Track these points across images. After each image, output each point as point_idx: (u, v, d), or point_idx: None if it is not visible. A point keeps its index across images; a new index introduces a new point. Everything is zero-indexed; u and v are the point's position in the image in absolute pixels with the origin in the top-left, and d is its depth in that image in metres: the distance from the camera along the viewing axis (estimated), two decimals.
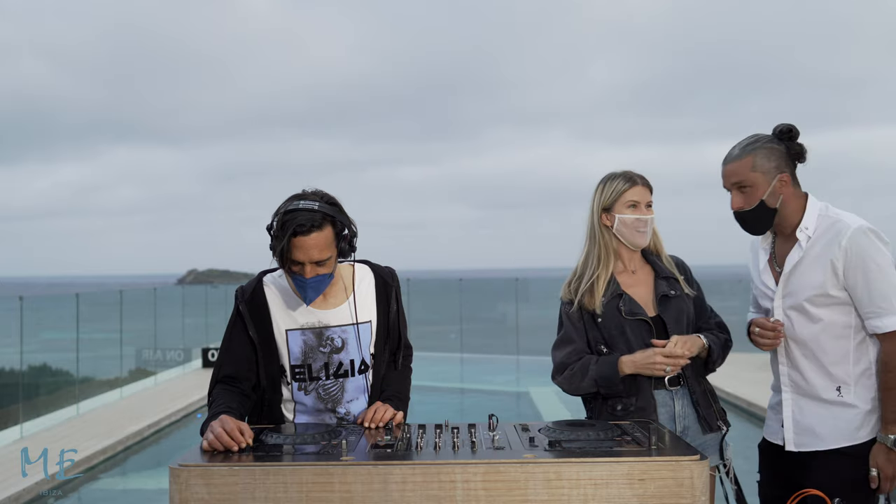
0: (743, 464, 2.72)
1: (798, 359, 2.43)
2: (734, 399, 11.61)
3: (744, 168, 2.40)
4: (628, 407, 2.56)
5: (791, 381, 2.45)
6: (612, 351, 2.61)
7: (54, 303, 16.47)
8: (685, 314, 2.67)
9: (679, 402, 2.60)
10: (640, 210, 2.66)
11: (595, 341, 2.64)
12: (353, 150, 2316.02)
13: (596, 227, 2.69)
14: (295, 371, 2.41)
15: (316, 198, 2.28)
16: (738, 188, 2.42)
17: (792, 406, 2.44)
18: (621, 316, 2.61)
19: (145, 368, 15.81)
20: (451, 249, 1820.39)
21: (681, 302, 2.67)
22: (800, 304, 2.39)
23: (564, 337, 2.68)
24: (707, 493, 1.83)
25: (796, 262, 2.41)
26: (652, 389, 2.57)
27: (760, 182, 2.39)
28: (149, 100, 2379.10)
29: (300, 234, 2.21)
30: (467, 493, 1.81)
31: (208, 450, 2.00)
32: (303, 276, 2.28)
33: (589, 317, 2.64)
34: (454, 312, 18.90)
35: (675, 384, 2.60)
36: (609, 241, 2.68)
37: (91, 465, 8.62)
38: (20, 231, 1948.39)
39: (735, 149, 2.45)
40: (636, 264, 2.72)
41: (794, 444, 2.43)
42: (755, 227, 2.48)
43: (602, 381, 2.57)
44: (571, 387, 2.65)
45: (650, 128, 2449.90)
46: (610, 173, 2.73)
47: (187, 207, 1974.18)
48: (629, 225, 2.65)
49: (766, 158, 2.39)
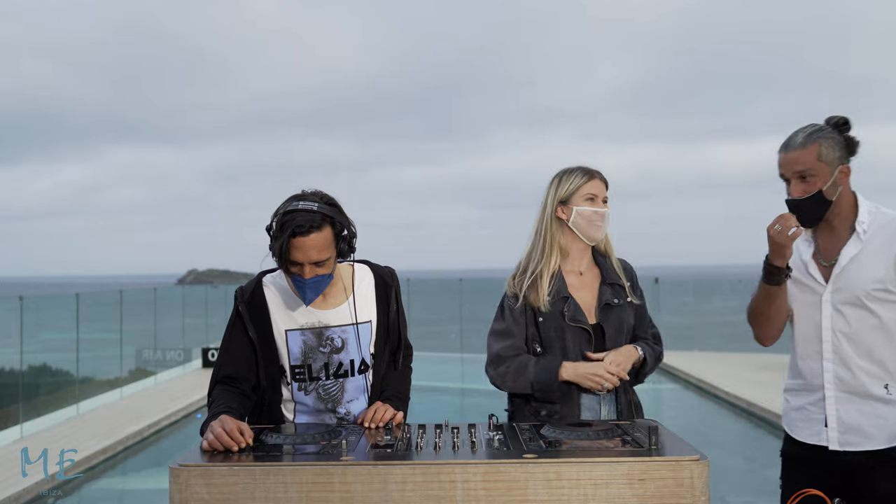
0: (742, 464, 2.72)
1: (849, 355, 2.34)
2: (734, 399, 11.61)
3: (809, 156, 2.30)
4: (552, 413, 2.55)
5: (836, 377, 2.36)
6: (545, 351, 2.59)
7: (54, 303, 16.48)
8: (625, 324, 2.65)
9: (605, 407, 2.60)
10: (598, 203, 2.64)
11: (531, 339, 2.62)
12: (357, 150, 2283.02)
13: (547, 220, 2.66)
14: (295, 371, 2.41)
15: (315, 198, 2.28)
16: (801, 177, 2.32)
17: (836, 404, 2.35)
18: (563, 320, 2.58)
19: (145, 368, 15.81)
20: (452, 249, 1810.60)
21: (622, 311, 2.65)
22: (856, 298, 2.31)
23: (503, 329, 2.65)
24: (707, 493, 1.83)
25: (853, 255, 2.33)
26: (580, 394, 2.56)
27: (824, 172, 2.30)
28: (153, 100, 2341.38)
29: (299, 235, 2.21)
30: (467, 493, 1.80)
31: (208, 450, 1.99)
32: (302, 277, 2.28)
33: (531, 314, 2.62)
34: (454, 312, 18.90)
35: None
36: (558, 236, 2.65)
37: (91, 465, 8.62)
38: (21, 231, 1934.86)
39: (798, 136, 2.34)
40: (585, 265, 2.69)
41: (838, 444, 2.34)
42: (808, 218, 2.36)
43: (539, 385, 2.55)
44: (504, 383, 2.63)
45: (653, 128, 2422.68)
46: (566, 168, 2.71)
47: (189, 207, 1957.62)
48: (586, 217, 2.62)
49: (831, 148, 2.31)
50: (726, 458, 8.69)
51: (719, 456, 8.30)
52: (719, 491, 7.33)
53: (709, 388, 12.85)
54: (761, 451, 9.17)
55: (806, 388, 2.44)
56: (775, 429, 9.99)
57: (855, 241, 2.34)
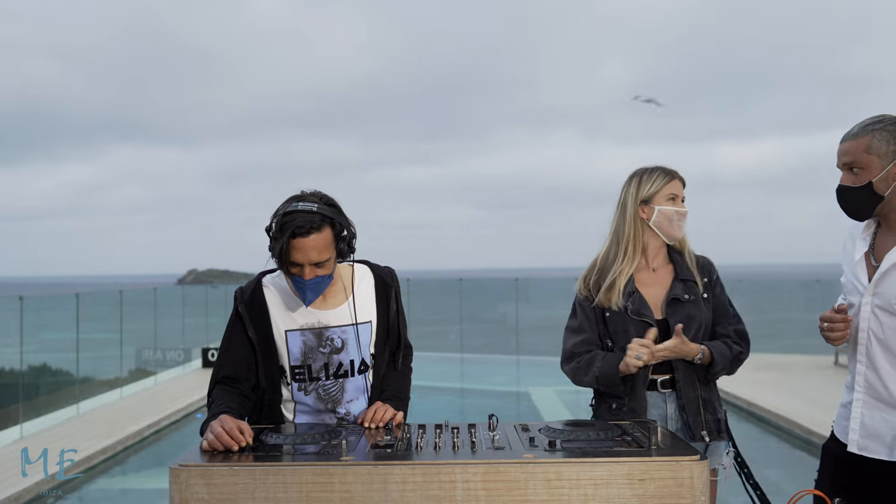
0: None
1: (879, 361, 2.26)
2: (734, 399, 11.61)
3: (858, 148, 2.24)
4: (621, 406, 2.58)
5: (867, 382, 2.31)
6: (615, 346, 2.62)
7: (54, 303, 16.48)
8: (696, 320, 2.62)
9: (672, 405, 2.60)
10: (678, 203, 2.66)
11: (602, 335, 2.66)
12: (359, 150, 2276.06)
13: (629, 219, 2.66)
14: (295, 371, 2.41)
15: (315, 199, 2.28)
16: (849, 168, 2.27)
17: (862, 408, 2.31)
18: (627, 315, 2.61)
19: (145, 368, 15.81)
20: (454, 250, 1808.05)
21: (693, 307, 2.63)
22: (890, 305, 2.23)
23: (576, 325, 2.69)
24: (707, 493, 1.83)
25: (895, 261, 2.24)
26: (644, 390, 2.58)
27: (874, 165, 2.23)
28: (157, 100, 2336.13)
29: (299, 236, 2.21)
30: (467, 493, 1.80)
31: (208, 450, 1.99)
32: (302, 278, 2.28)
33: (600, 311, 2.65)
34: (454, 312, 18.90)
35: (667, 387, 2.60)
36: (640, 236, 2.66)
37: (91, 465, 8.62)
38: (23, 231, 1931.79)
39: (855, 127, 2.28)
40: (659, 262, 2.70)
41: (857, 447, 2.31)
42: (855, 210, 2.30)
43: (603, 380, 2.58)
44: (576, 378, 2.67)
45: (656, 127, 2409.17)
46: (641, 168, 2.72)
47: (191, 207, 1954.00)
48: (669, 217, 2.64)
49: (886, 141, 2.22)
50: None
51: None
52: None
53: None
54: (761, 451, 9.17)
55: (850, 387, 2.39)
56: (775, 429, 10.00)
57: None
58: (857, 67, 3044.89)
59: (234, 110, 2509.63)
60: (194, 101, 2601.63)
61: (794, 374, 13.30)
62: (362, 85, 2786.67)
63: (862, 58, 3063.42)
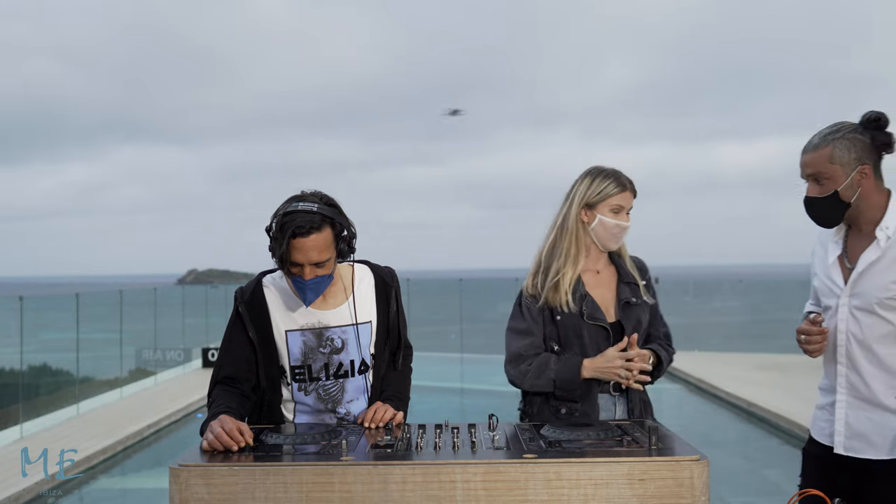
0: (743, 463, 2.73)
1: (860, 362, 2.29)
2: (734, 399, 11.61)
3: (821, 159, 2.27)
4: (573, 411, 2.56)
5: (849, 383, 2.33)
6: (563, 350, 2.60)
7: (54, 303, 16.48)
8: (642, 323, 2.66)
9: (619, 408, 2.61)
10: (622, 216, 2.62)
11: (549, 337, 2.62)
12: (361, 150, 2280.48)
13: (572, 219, 2.63)
14: (295, 372, 2.41)
15: (315, 199, 2.28)
16: (814, 179, 2.29)
17: (846, 409, 2.33)
18: (581, 318, 2.59)
19: (145, 368, 15.81)
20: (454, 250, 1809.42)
21: (640, 310, 2.66)
22: (870, 305, 2.26)
23: (523, 328, 2.64)
24: (707, 493, 1.83)
25: (872, 261, 2.27)
26: (597, 394, 2.58)
27: (838, 174, 2.25)
28: (159, 99, 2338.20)
29: (299, 236, 2.21)
30: (467, 493, 1.80)
31: (208, 450, 2.00)
32: (302, 278, 2.28)
33: (549, 313, 2.62)
34: (454, 312, 18.90)
35: (617, 390, 2.60)
36: (582, 237, 2.63)
37: (91, 465, 8.62)
38: (24, 231, 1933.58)
39: (815, 137, 2.30)
40: (601, 264, 2.70)
41: (843, 448, 2.33)
42: (823, 219, 2.34)
43: (561, 384, 2.56)
44: (525, 382, 2.62)
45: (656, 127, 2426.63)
46: (597, 168, 2.66)
47: (193, 207, 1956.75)
48: (608, 228, 2.61)
49: (847, 149, 2.25)
50: (726, 458, 8.68)
51: (719, 456, 8.29)
52: (719, 491, 7.33)
53: (709, 388, 12.85)
54: (761, 451, 9.18)
55: (828, 389, 2.42)
56: (775, 429, 10.00)
57: (874, 247, 2.28)
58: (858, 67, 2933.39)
59: (237, 110, 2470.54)
60: (197, 101, 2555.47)
61: (794, 374, 13.29)
62: (365, 85, 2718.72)
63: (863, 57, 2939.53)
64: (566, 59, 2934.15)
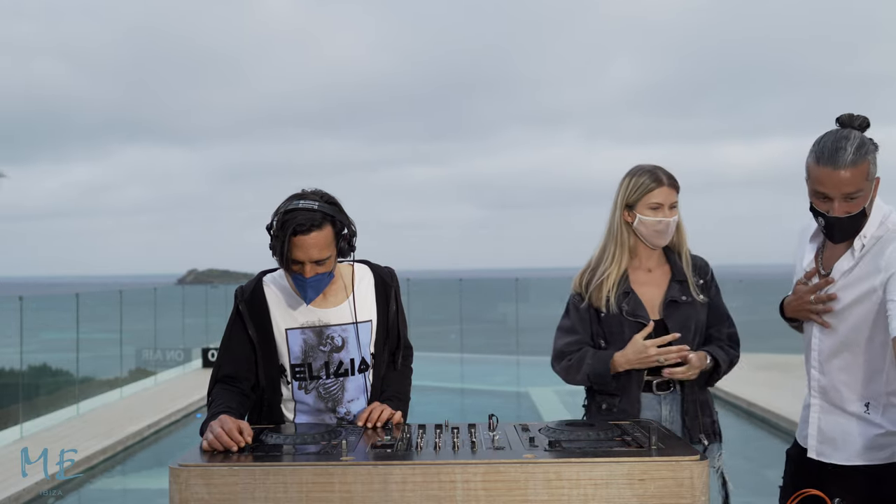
0: (743, 463, 2.73)
1: (832, 368, 2.29)
2: (734, 399, 11.60)
3: (861, 176, 2.10)
4: (612, 407, 2.57)
5: (821, 387, 2.33)
6: (609, 347, 2.61)
7: (54, 303, 16.48)
8: (693, 321, 2.63)
9: (667, 407, 2.59)
10: (663, 212, 2.60)
11: (596, 335, 2.66)
12: (363, 150, 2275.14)
13: (616, 221, 2.66)
14: (295, 370, 2.41)
15: (315, 197, 2.29)
16: (849, 198, 2.11)
17: (819, 413, 2.33)
18: (622, 315, 2.60)
19: (145, 368, 15.81)
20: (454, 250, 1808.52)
21: (690, 309, 2.63)
22: (840, 312, 2.24)
23: (568, 326, 2.68)
24: (707, 493, 1.83)
25: (845, 270, 2.23)
26: (640, 392, 2.57)
27: (868, 190, 2.13)
28: (164, 100, 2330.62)
29: (300, 234, 2.22)
30: (467, 493, 1.80)
31: (208, 450, 2.00)
32: (303, 276, 2.28)
33: (594, 311, 2.65)
34: (454, 312, 18.91)
35: (664, 389, 2.59)
36: (626, 238, 2.65)
37: (91, 465, 8.61)
38: (27, 231, 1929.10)
39: (846, 151, 2.09)
40: (654, 262, 2.69)
41: (815, 452, 2.34)
42: (844, 235, 2.20)
43: (594, 377, 2.58)
44: (568, 377, 2.67)
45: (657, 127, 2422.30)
46: (638, 167, 2.67)
47: (196, 207, 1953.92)
48: (649, 227, 2.61)
49: (874, 162, 2.13)
50: (726, 458, 8.65)
51: None
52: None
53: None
54: (761, 451, 9.17)
55: (808, 393, 2.42)
56: (775, 429, 10.00)
57: (849, 256, 2.23)
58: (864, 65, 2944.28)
59: (241, 110, 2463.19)
60: (201, 101, 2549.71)
61: (795, 374, 13.28)
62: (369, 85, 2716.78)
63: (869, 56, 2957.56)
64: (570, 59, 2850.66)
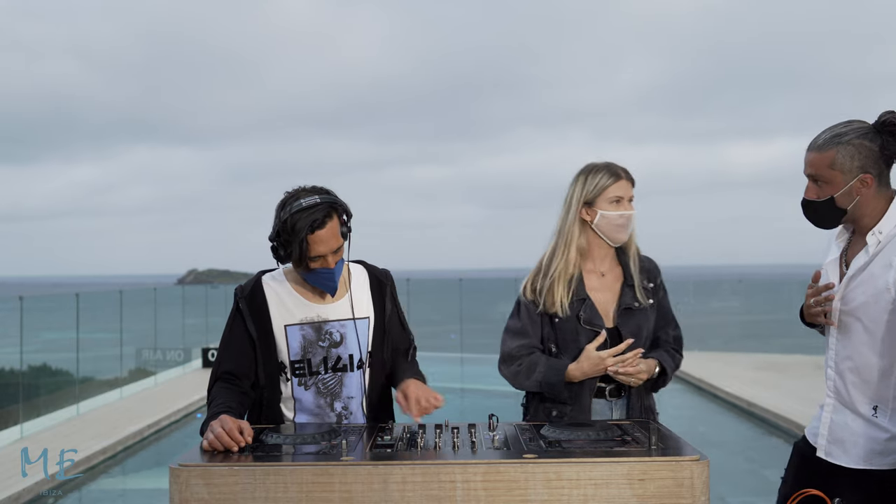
0: (742, 464, 2.72)
1: (845, 367, 2.27)
2: (734, 399, 11.61)
3: (822, 162, 2.19)
4: (562, 414, 2.54)
5: (835, 387, 2.31)
6: (561, 352, 2.58)
7: (54, 303, 16.48)
8: (645, 328, 2.61)
9: (617, 412, 2.58)
10: (624, 205, 2.58)
11: (547, 339, 2.60)
12: (371, 150, 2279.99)
13: (570, 221, 2.60)
14: (295, 366, 2.42)
15: (311, 192, 2.33)
16: (814, 180, 2.23)
17: (831, 413, 2.31)
18: (579, 323, 2.56)
19: (145, 368, 15.81)
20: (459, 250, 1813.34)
21: (642, 315, 2.61)
22: (854, 311, 2.22)
23: (519, 328, 2.63)
24: (707, 493, 1.83)
25: (860, 266, 2.21)
26: (591, 398, 2.55)
27: (837, 180, 2.18)
28: (174, 100, 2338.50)
29: (317, 230, 2.27)
30: (467, 493, 1.81)
31: (208, 450, 2.00)
32: (328, 268, 2.33)
33: (548, 317, 2.60)
34: (454, 312, 18.91)
35: (615, 395, 2.59)
36: (578, 238, 2.59)
37: (91, 465, 8.62)
38: (31, 231, 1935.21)
39: (822, 136, 2.21)
40: (607, 265, 2.65)
41: (823, 452, 2.32)
42: (818, 221, 2.29)
43: (546, 387, 2.54)
44: (516, 382, 2.62)
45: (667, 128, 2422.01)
46: (591, 165, 2.63)
47: (197, 208, 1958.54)
48: (612, 221, 2.57)
49: (850, 156, 2.16)
50: (726, 458, 8.68)
51: (719, 456, 8.29)
52: (719, 491, 7.33)
53: (709, 388, 12.85)
54: (761, 451, 9.17)
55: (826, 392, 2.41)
56: (775, 429, 10.00)
57: (864, 252, 2.22)
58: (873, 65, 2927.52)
59: (249, 111, 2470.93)
60: (210, 102, 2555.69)
61: (794, 374, 13.29)
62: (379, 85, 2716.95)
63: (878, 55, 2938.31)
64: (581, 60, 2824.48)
